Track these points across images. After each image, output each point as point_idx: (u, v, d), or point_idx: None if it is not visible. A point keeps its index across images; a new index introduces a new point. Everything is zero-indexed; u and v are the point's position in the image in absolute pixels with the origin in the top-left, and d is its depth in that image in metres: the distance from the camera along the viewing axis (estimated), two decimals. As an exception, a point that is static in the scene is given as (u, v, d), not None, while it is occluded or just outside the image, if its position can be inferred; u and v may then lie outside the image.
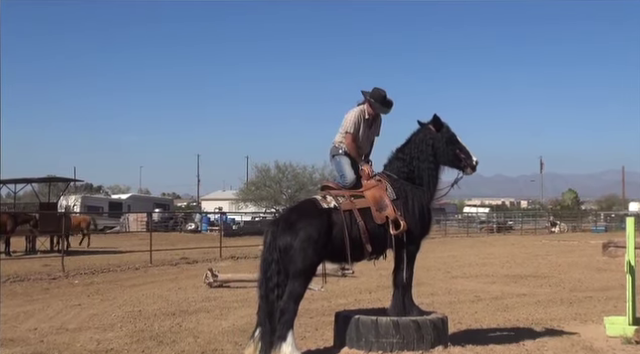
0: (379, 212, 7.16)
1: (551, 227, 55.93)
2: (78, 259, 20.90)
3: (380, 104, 7.78)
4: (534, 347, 7.45)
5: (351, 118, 7.75)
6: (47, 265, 19.09)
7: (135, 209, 54.45)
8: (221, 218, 39.50)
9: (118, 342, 8.11)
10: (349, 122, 7.74)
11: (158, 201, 66.19)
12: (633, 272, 8.10)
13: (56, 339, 8.36)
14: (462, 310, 10.44)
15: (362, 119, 7.77)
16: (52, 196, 32.48)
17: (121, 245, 29.25)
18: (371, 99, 7.75)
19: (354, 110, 7.83)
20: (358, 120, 7.75)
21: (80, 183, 52.04)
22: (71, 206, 46.25)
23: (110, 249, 26.74)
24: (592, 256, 22.71)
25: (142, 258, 21.48)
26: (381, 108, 7.82)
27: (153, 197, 74.59)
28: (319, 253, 6.97)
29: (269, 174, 52.44)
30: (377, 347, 6.88)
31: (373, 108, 7.78)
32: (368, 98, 7.78)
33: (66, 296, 12.88)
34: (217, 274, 14.25)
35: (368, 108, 7.79)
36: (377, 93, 7.78)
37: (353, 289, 13.01)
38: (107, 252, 25.07)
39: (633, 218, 8.70)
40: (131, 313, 10.48)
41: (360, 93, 7.91)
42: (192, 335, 8.50)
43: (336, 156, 7.86)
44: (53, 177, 33.14)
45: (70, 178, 35.67)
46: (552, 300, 11.89)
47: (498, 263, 20.51)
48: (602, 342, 7.75)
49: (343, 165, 7.76)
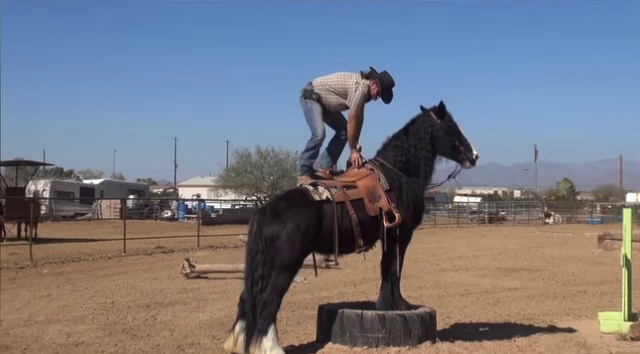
0: (372, 204, 7.15)
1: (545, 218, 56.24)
2: (47, 247, 20.79)
3: (384, 92, 7.62)
4: (525, 343, 7.50)
5: (358, 98, 7.49)
6: (14, 253, 18.96)
7: (108, 195, 54.15)
8: (199, 205, 39.38)
9: (89, 335, 8.09)
10: (356, 102, 7.47)
11: (133, 187, 65.86)
12: (629, 266, 8.17)
13: (24, 332, 8.32)
14: (451, 304, 10.49)
15: (365, 98, 7.56)
16: (20, 180, 32.26)
17: (93, 233, 29.12)
18: (379, 81, 7.55)
19: (362, 86, 7.51)
20: (363, 100, 7.54)
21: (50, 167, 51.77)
22: (40, 191, 45.92)
23: (81, 237, 26.60)
24: (587, 249, 22.89)
25: (115, 247, 21.40)
26: (382, 96, 7.66)
27: (127, 183, 74.15)
28: (307, 246, 6.97)
29: (250, 160, 52.31)
30: (362, 342, 6.90)
31: (377, 90, 7.57)
32: (377, 79, 7.56)
33: (34, 286, 12.81)
34: (194, 264, 14.23)
35: (374, 86, 7.56)
36: (387, 79, 7.61)
37: (337, 281, 13.04)
38: (78, 240, 24.93)
39: (630, 209, 8.77)
40: (103, 305, 10.45)
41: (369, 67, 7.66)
42: (168, 328, 8.49)
43: (308, 100, 7.64)
44: (21, 160, 32.88)
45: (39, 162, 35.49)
46: (545, 294, 11.98)
47: (489, 255, 20.62)
48: (596, 338, 7.82)
49: (314, 114, 7.60)
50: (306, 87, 7.72)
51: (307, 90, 7.69)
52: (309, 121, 7.66)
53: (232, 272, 13.61)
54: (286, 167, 50.92)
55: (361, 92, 7.50)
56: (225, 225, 37.52)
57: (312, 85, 7.69)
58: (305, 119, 7.72)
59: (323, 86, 7.66)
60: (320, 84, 7.68)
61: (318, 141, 7.62)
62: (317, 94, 7.63)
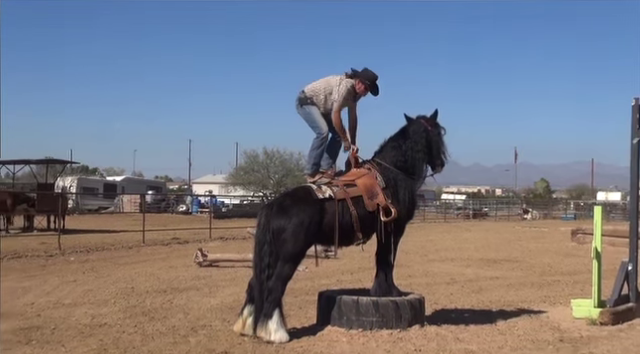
0: (370, 200, 7.16)
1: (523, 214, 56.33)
2: (74, 237, 20.79)
3: (371, 86, 7.65)
4: (506, 327, 7.52)
5: (343, 91, 7.50)
6: (44, 243, 18.99)
7: (129, 191, 54.21)
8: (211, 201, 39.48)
9: (112, 317, 8.10)
10: (340, 94, 7.49)
11: (151, 183, 65.90)
12: (599, 258, 8.17)
13: (52, 313, 8.33)
14: (438, 291, 10.50)
15: (351, 95, 7.60)
16: (49, 177, 32.28)
17: (115, 225, 29.12)
18: (363, 78, 7.58)
19: (345, 82, 7.55)
20: (348, 95, 7.55)
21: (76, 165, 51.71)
22: (68, 187, 45.95)
23: (105, 229, 26.61)
24: (561, 242, 22.88)
25: (135, 238, 21.39)
26: (371, 91, 7.69)
27: (146, 180, 74.24)
28: (309, 239, 7.01)
29: (257, 160, 52.33)
30: (358, 325, 6.92)
31: (364, 87, 7.61)
32: (360, 77, 7.58)
33: (62, 273, 12.83)
34: (206, 254, 14.23)
35: (358, 84, 7.60)
36: (369, 74, 7.63)
37: (335, 270, 13.05)
38: (102, 231, 24.94)
39: (600, 207, 8.77)
40: (124, 290, 10.46)
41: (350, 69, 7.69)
42: (182, 311, 8.50)
43: (305, 106, 7.66)
44: (51, 159, 32.90)
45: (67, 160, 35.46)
46: (523, 283, 11.98)
47: (473, 248, 20.63)
48: (569, 323, 7.83)
49: (314, 115, 7.62)
50: (300, 95, 7.73)
51: (301, 98, 7.71)
52: (311, 122, 7.67)
53: (241, 261, 13.60)
54: (290, 166, 50.93)
55: (344, 87, 7.52)
56: (234, 218, 37.54)
57: (304, 92, 7.71)
58: (307, 123, 7.72)
59: (314, 91, 7.68)
60: (310, 90, 7.70)
61: (324, 137, 7.63)
62: (310, 98, 7.65)
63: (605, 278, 8.37)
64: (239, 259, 13.90)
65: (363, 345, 6.50)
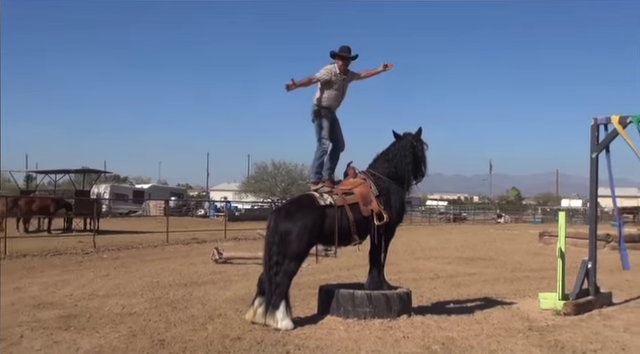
0: (365, 206, 7.18)
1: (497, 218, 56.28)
2: (107, 237, 20.80)
3: (347, 57, 7.68)
4: (482, 317, 7.51)
5: (322, 71, 7.61)
6: (81, 242, 18.99)
7: (155, 197, 54.15)
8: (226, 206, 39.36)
9: (139, 307, 8.10)
10: (321, 71, 7.59)
11: (174, 191, 65.82)
12: (563, 257, 8.17)
13: (88, 304, 8.34)
14: (423, 286, 10.48)
15: (334, 74, 7.62)
16: (86, 185, 32.31)
17: (143, 227, 29.10)
18: (339, 53, 7.64)
19: (325, 67, 7.68)
20: (329, 74, 7.59)
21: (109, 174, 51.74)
22: (102, 193, 45.97)
23: (133, 230, 26.61)
24: (530, 243, 22.85)
25: (160, 238, 21.39)
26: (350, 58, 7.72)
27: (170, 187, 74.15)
28: (312, 240, 7.02)
29: (266, 170, 52.47)
30: (353, 315, 6.93)
31: (342, 61, 7.65)
32: (337, 56, 7.65)
33: (96, 268, 12.83)
34: (222, 252, 14.23)
35: (338, 63, 7.67)
36: (342, 49, 7.69)
37: (334, 267, 13.03)
38: (131, 232, 24.93)
39: (564, 212, 8.78)
40: (150, 283, 10.46)
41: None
42: (201, 302, 8.49)
43: (317, 118, 7.71)
44: (87, 169, 32.91)
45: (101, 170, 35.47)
46: (497, 278, 11.95)
47: (453, 247, 20.58)
48: (537, 313, 7.82)
49: (323, 130, 7.66)
50: (312, 108, 7.78)
51: (314, 110, 7.76)
52: (318, 135, 7.72)
53: (252, 259, 13.60)
54: (295, 176, 51.00)
55: (323, 69, 7.63)
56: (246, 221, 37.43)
57: (314, 104, 7.75)
58: (315, 134, 7.78)
59: (315, 97, 7.73)
60: (315, 99, 7.74)
61: (324, 150, 7.67)
62: (317, 105, 7.69)
63: (568, 274, 8.38)
64: (250, 257, 13.90)
65: (358, 332, 6.49)
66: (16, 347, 5.91)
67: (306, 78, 7.56)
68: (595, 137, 8.61)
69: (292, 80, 7.41)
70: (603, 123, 8.61)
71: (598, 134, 8.63)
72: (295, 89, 7.50)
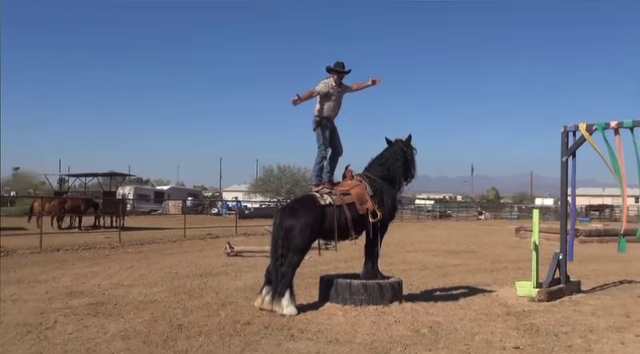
0: (361, 205, 7.18)
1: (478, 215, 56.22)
2: (131, 234, 20.79)
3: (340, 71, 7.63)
4: (465, 303, 7.51)
5: (320, 84, 7.57)
6: (108, 237, 18.99)
7: (173, 197, 54.25)
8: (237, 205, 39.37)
9: (160, 295, 8.10)
10: (319, 85, 7.55)
11: (190, 191, 65.91)
12: (537, 249, 8.17)
13: (114, 292, 8.34)
14: (413, 276, 10.48)
15: (330, 87, 7.58)
16: (112, 186, 32.32)
17: (163, 224, 29.11)
18: (334, 68, 7.59)
19: (323, 81, 7.64)
20: (326, 87, 7.55)
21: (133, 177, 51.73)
22: (126, 194, 45.97)
23: (155, 226, 26.62)
24: (508, 237, 22.88)
25: (178, 234, 21.39)
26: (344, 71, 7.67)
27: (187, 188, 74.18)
28: (314, 236, 7.03)
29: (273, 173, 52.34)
30: (350, 302, 6.93)
31: (336, 75, 7.60)
32: (332, 71, 7.60)
33: (121, 260, 12.83)
34: (233, 246, 14.23)
35: (333, 77, 7.63)
36: (337, 64, 7.64)
37: (333, 259, 13.01)
38: (152, 229, 24.94)
39: (538, 210, 8.79)
40: (169, 274, 10.46)
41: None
42: (214, 291, 8.49)
43: (319, 127, 7.66)
44: (114, 172, 32.91)
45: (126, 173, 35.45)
46: (478, 269, 11.96)
47: (440, 241, 20.60)
48: (514, 300, 7.81)
49: (323, 137, 7.62)
50: (314, 119, 7.75)
51: (315, 121, 7.72)
52: (319, 142, 7.69)
53: (260, 252, 13.60)
54: (298, 178, 50.90)
55: (321, 83, 7.59)
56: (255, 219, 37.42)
57: (315, 115, 7.73)
58: (316, 141, 7.74)
59: (316, 109, 7.70)
60: (316, 110, 7.71)
61: (323, 155, 7.66)
62: (319, 116, 7.65)
63: (541, 265, 8.37)
64: (259, 250, 13.90)
65: (355, 317, 6.49)
66: (51, 331, 5.91)
67: (308, 92, 7.55)
68: (565, 143, 8.61)
69: (297, 95, 7.43)
70: (572, 130, 8.61)
71: (568, 140, 8.63)
72: (300, 103, 7.50)
